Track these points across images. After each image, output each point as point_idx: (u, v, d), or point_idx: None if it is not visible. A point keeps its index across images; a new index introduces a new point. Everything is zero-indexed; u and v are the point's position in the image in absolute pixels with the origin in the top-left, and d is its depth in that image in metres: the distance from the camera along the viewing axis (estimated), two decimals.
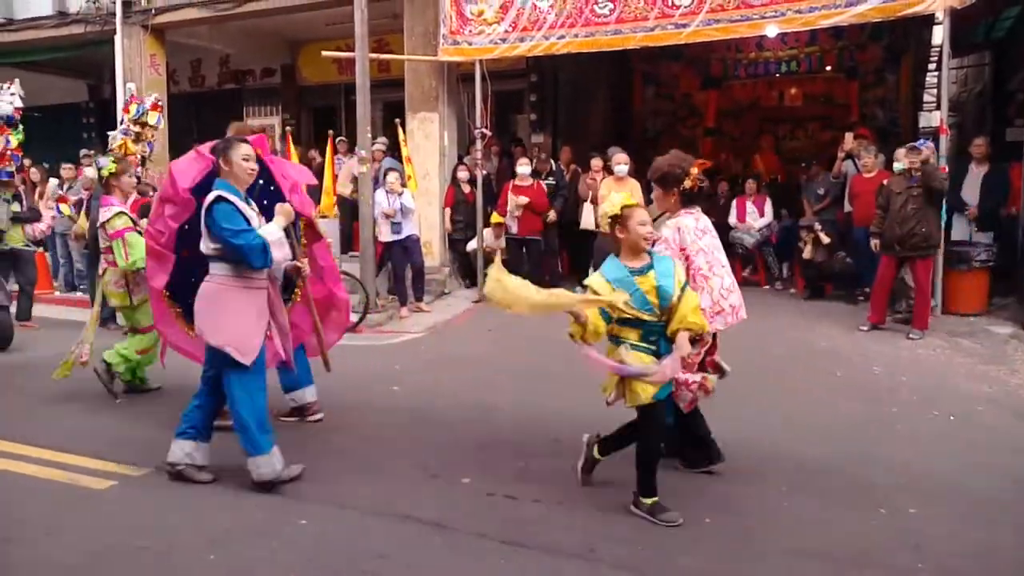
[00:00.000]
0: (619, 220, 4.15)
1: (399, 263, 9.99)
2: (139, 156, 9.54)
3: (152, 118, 10.18)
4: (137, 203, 7.69)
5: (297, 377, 5.76)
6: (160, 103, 10.48)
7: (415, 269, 10.14)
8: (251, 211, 4.63)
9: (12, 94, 9.61)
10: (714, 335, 4.62)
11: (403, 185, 10.08)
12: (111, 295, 6.58)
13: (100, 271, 6.73)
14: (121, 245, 6.33)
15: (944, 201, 8.41)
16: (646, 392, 4.04)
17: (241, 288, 4.58)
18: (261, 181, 5.09)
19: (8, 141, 9.26)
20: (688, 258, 4.44)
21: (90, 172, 10.50)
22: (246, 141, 4.72)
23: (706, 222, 4.66)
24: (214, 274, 4.62)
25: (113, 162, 6.68)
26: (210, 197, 4.52)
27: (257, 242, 4.44)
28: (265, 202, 5.13)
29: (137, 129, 9.35)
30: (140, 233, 6.22)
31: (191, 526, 4.14)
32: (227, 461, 4.82)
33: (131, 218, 6.54)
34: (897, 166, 8.51)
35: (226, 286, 4.57)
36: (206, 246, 4.60)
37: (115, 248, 6.38)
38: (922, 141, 8.34)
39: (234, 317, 4.54)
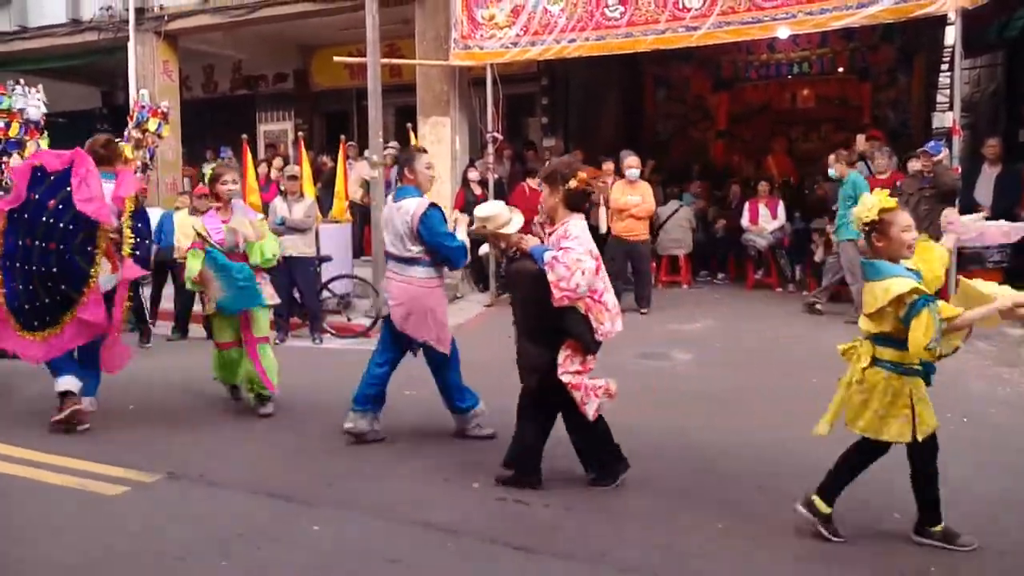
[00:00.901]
0: (877, 226, 3.73)
1: None
2: (139, 163, 9.63)
3: (153, 124, 10.30)
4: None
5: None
6: (162, 109, 10.57)
7: None
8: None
9: (39, 99, 9.78)
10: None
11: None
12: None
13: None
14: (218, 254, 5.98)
15: (957, 202, 8.38)
16: (932, 419, 3.84)
17: (438, 287, 5.31)
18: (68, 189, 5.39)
19: (39, 145, 9.38)
20: (596, 259, 4.36)
21: None
22: (425, 152, 5.60)
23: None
24: (413, 277, 5.20)
25: (213, 169, 6.31)
26: (419, 205, 5.09)
27: (465, 245, 5.20)
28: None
29: (138, 135, 9.41)
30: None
31: (203, 531, 4.16)
32: (239, 463, 4.84)
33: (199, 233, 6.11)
34: (914, 165, 8.51)
35: (430, 287, 5.24)
36: (402, 248, 5.17)
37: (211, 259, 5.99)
38: (934, 143, 8.31)
39: (438, 315, 5.25)
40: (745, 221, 11.37)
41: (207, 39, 14.46)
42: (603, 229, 10.33)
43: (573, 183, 4.43)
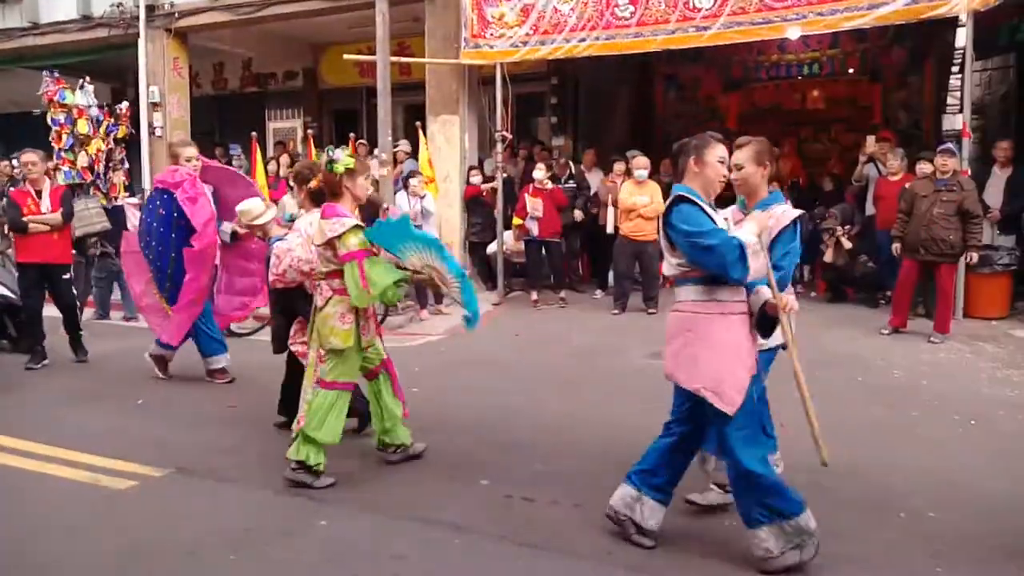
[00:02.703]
0: None
1: None
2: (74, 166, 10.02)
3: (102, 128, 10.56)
4: (57, 190, 7.76)
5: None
6: (119, 110, 10.79)
7: None
8: (719, 218, 3.78)
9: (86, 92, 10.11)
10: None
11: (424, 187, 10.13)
12: (332, 333, 4.71)
13: (318, 302, 4.86)
14: (357, 269, 4.58)
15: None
16: None
17: (716, 315, 3.68)
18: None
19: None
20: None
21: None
22: (722, 142, 3.88)
23: None
24: (682, 300, 3.80)
25: (349, 156, 4.83)
26: (669, 202, 3.74)
27: (733, 242, 3.52)
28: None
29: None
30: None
31: (213, 527, 4.19)
32: (248, 459, 4.86)
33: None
34: (924, 168, 8.49)
35: (698, 313, 3.72)
36: (670, 265, 3.82)
37: (349, 273, 4.60)
38: (951, 144, 8.29)
39: (710, 352, 3.65)
40: None
41: (217, 36, 14.49)
42: (610, 229, 10.33)
43: (313, 183, 5.21)
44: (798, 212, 4.00)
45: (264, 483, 4.72)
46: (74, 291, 8.17)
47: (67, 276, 7.83)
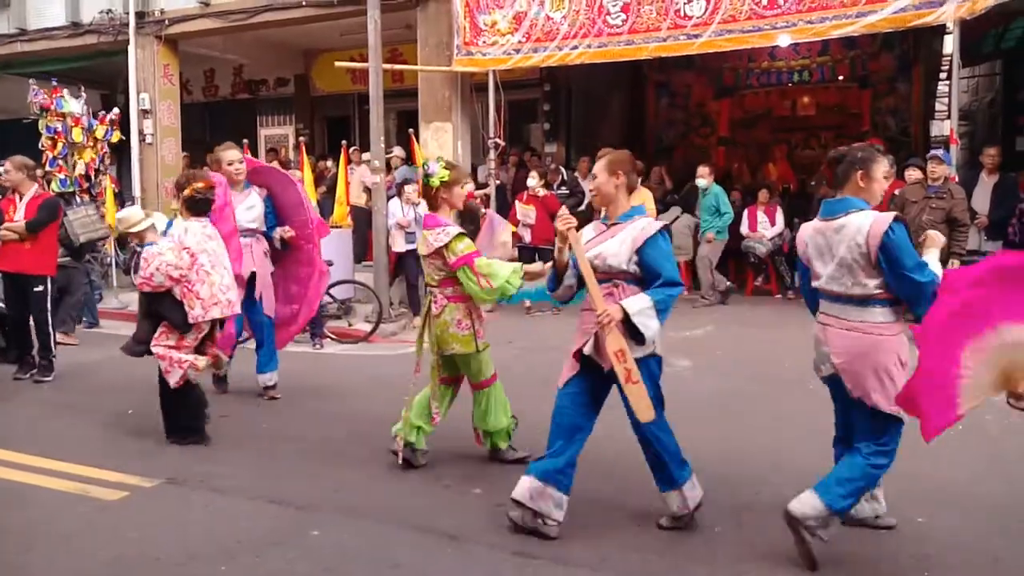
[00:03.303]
0: None
1: (412, 273, 10.01)
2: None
3: (100, 131, 10.54)
4: (37, 199, 7.48)
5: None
6: (111, 116, 10.76)
7: None
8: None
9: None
10: (213, 325, 5.59)
11: (420, 195, 10.12)
12: (453, 339, 4.90)
13: (434, 310, 4.99)
14: (471, 272, 4.77)
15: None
16: None
17: (897, 336, 3.70)
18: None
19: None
20: (193, 256, 5.39)
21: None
22: (885, 155, 3.97)
23: (214, 230, 5.67)
24: (866, 322, 3.70)
25: (445, 168, 5.03)
26: (878, 221, 3.61)
27: (937, 280, 3.53)
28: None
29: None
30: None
31: (204, 537, 4.17)
32: (239, 469, 4.84)
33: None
34: (913, 175, 8.54)
35: (884, 336, 3.68)
36: (850, 282, 3.72)
37: (465, 278, 4.78)
38: (945, 152, 8.35)
39: (892, 373, 3.65)
40: (745, 228, 11.39)
41: (208, 43, 14.48)
42: None
43: (187, 191, 5.52)
44: (661, 224, 4.12)
45: (256, 493, 4.70)
46: (48, 306, 7.57)
47: (39, 288, 7.45)
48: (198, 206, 5.59)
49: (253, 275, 6.52)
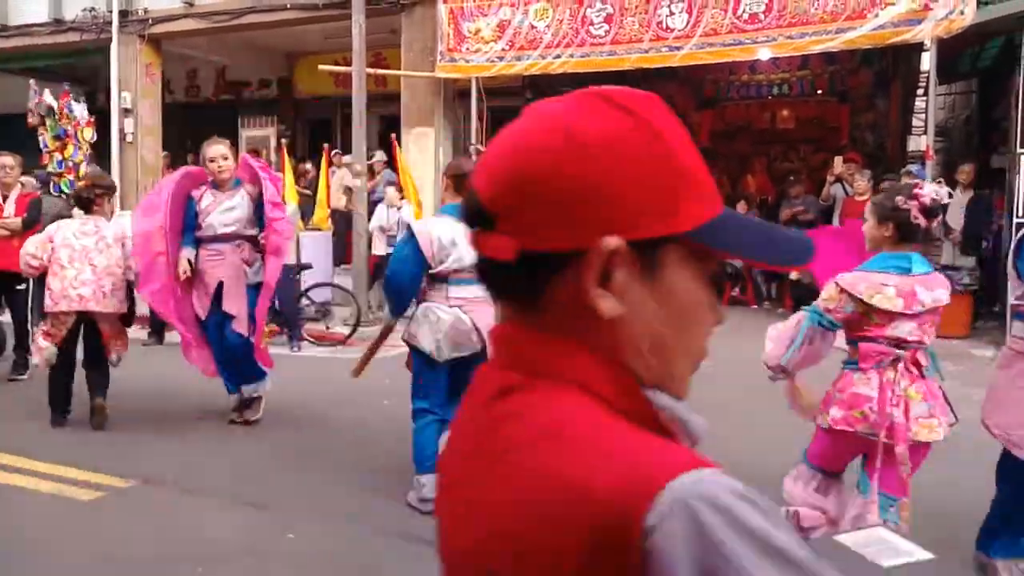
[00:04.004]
0: None
1: None
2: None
3: (88, 133, 10.50)
4: (25, 197, 7.50)
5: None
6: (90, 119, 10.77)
7: None
8: None
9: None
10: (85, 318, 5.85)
11: (401, 199, 10.15)
12: None
13: None
14: None
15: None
16: None
17: None
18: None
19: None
20: (53, 249, 5.75)
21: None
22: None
23: (95, 228, 5.90)
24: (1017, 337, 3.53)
25: None
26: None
27: None
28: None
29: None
30: None
31: (179, 538, 4.17)
32: (215, 470, 4.83)
33: None
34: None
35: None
36: (1013, 295, 3.54)
37: None
38: (918, 168, 8.48)
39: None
40: None
41: (191, 43, 14.43)
42: None
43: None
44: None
45: (231, 495, 4.71)
46: (28, 304, 7.48)
47: (21, 287, 7.38)
48: (81, 203, 6.10)
49: (221, 286, 5.91)
